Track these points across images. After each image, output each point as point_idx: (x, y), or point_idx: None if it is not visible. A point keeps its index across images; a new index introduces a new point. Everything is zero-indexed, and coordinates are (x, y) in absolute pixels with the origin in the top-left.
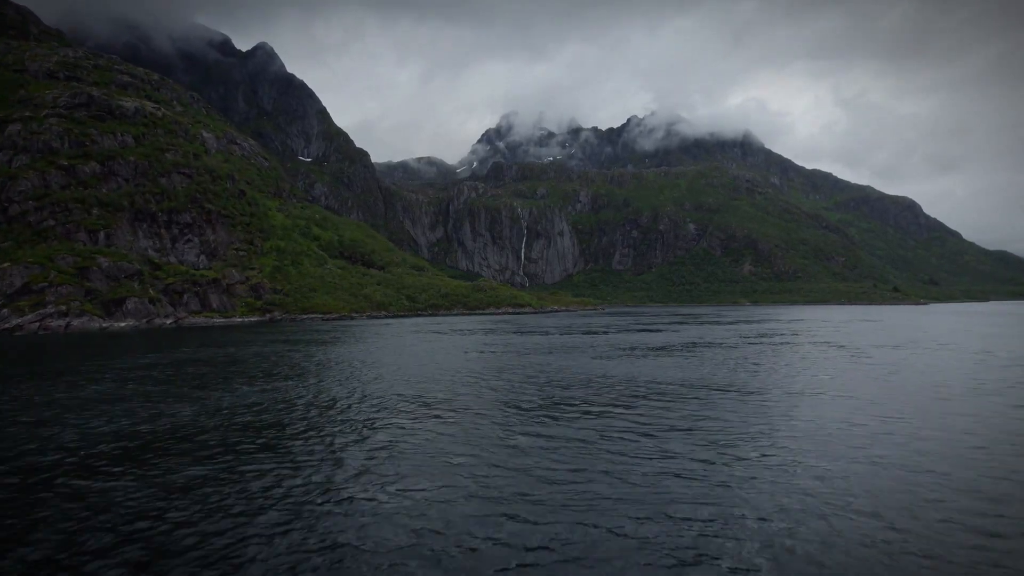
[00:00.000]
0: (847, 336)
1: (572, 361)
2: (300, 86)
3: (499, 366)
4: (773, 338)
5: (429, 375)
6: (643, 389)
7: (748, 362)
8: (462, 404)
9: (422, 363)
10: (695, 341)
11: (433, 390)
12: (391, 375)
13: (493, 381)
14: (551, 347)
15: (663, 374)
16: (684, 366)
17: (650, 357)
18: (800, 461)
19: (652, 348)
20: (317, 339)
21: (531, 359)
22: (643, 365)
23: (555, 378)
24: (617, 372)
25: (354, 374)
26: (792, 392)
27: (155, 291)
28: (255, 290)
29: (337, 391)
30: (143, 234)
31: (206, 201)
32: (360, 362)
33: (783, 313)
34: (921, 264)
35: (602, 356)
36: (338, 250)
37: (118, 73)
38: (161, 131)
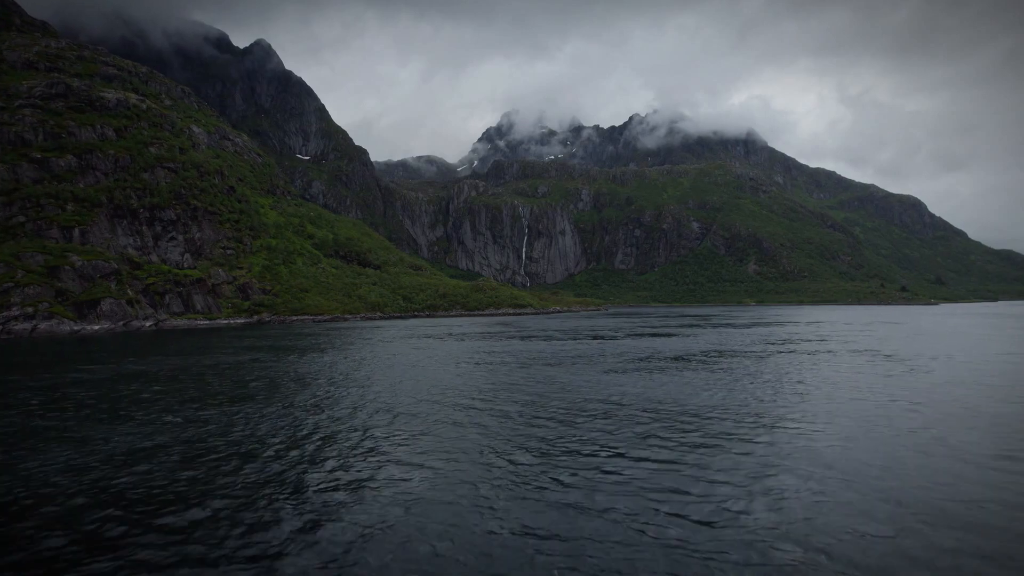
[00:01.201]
0: (882, 342)
1: (580, 377)
2: (298, 83)
3: (493, 385)
4: (802, 344)
5: (408, 401)
6: (675, 422)
7: (790, 379)
8: (438, 452)
9: (404, 381)
10: (716, 349)
11: (407, 427)
12: (360, 400)
13: (484, 411)
14: (555, 356)
15: (693, 397)
16: (714, 384)
17: (671, 371)
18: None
19: (670, 358)
20: (296, 346)
21: (532, 373)
22: (666, 383)
23: (562, 406)
24: (636, 393)
25: (312, 399)
26: (875, 428)
27: (134, 292)
28: (242, 290)
29: (272, 428)
30: (123, 231)
31: (192, 197)
32: (329, 380)
33: (795, 314)
34: (927, 264)
35: (615, 369)
36: (333, 249)
37: (103, 65)
38: (145, 124)
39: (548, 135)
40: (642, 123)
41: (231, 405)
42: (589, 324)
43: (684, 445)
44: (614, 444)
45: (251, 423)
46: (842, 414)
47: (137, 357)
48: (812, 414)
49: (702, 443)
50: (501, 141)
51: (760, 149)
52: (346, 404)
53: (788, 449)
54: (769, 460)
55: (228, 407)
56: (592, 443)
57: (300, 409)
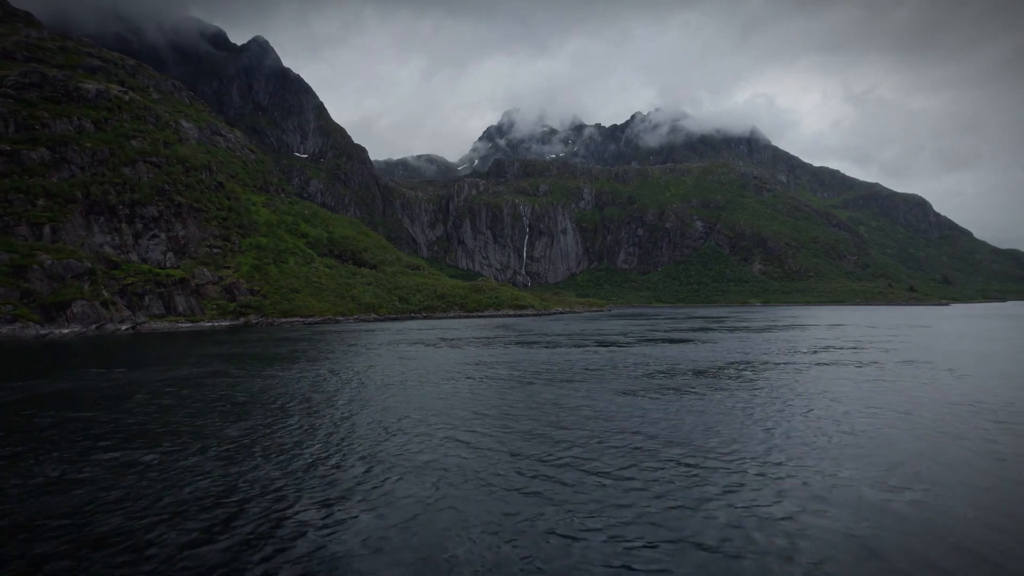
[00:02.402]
0: (926, 350)
1: (592, 401)
2: (296, 80)
3: (486, 414)
4: (837, 353)
5: (366, 443)
6: (730, 473)
7: (853, 404)
8: (400, 544)
9: (373, 408)
10: (743, 359)
11: (354, 492)
12: (305, 440)
13: (469, 463)
14: (560, 370)
15: (745, 435)
16: (763, 413)
17: (701, 391)
18: None
19: (695, 373)
20: (272, 354)
21: (534, 396)
22: (702, 411)
23: (570, 448)
24: (665, 426)
25: (243, 436)
26: None
27: (109, 293)
28: (229, 291)
29: (170, 486)
30: (99, 229)
31: (176, 193)
32: (282, 405)
33: (807, 315)
34: (933, 263)
35: (633, 390)
36: (327, 248)
37: (87, 56)
38: (127, 116)
39: (549, 134)
40: (644, 121)
41: (136, 449)
42: (594, 327)
43: (764, 523)
44: (651, 519)
45: (142, 482)
46: (971, 478)
47: (86, 368)
48: (925, 476)
49: (791, 518)
50: (502, 140)
51: (763, 147)
52: (282, 446)
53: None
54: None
55: (131, 450)
56: (620, 523)
57: (214, 458)
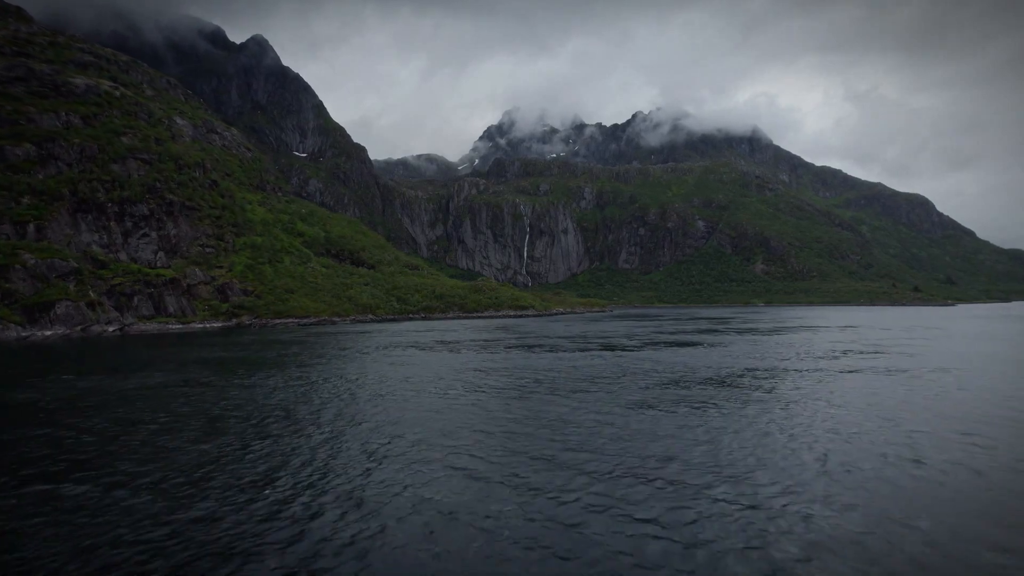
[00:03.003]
0: (954, 357)
1: (604, 414)
2: (295, 79)
3: (480, 432)
4: (858, 358)
5: (361, 462)
6: (772, 516)
7: (917, 422)
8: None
9: (352, 426)
10: (759, 365)
11: (343, 531)
12: (267, 468)
13: (466, 495)
14: (565, 377)
15: (792, 461)
16: (805, 435)
17: (723, 404)
18: None
19: (709, 382)
20: (257, 359)
21: (535, 409)
22: (733, 431)
23: (589, 482)
24: (699, 453)
25: (227, 457)
26: None
27: (96, 293)
28: (221, 291)
29: (117, 526)
30: (87, 227)
31: (167, 191)
32: (270, 412)
33: (814, 316)
34: (936, 263)
35: (647, 401)
36: (324, 247)
37: (78, 52)
38: (117, 112)
39: (550, 133)
40: (645, 120)
41: (66, 480)
42: (597, 329)
43: None
44: None
45: (52, 528)
46: None
47: (57, 375)
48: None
49: None
50: (502, 139)
51: (765, 147)
52: (247, 479)
53: None
54: None
55: (60, 481)
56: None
57: (159, 494)
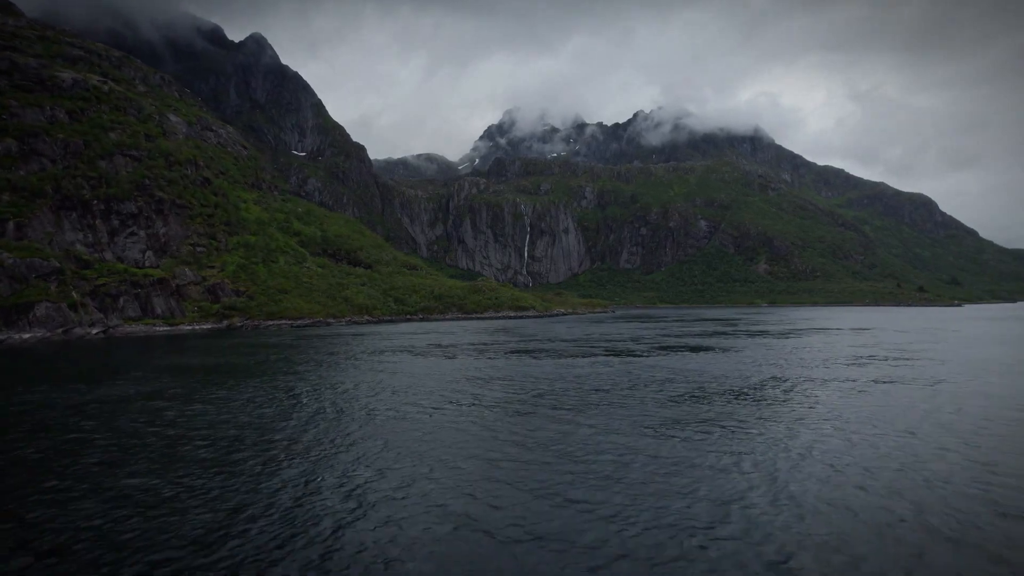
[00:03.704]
0: (985, 364)
1: (616, 440)
2: (294, 78)
3: (477, 467)
4: (885, 365)
5: (331, 510)
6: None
7: (966, 455)
8: None
9: (341, 450)
10: (783, 375)
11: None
12: (242, 517)
13: (458, 556)
14: (569, 389)
15: (860, 504)
16: (859, 473)
17: (753, 425)
18: None
19: (732, 393)
20: (242, 365)
21: (537, 431)
22: (768, 463)
23: (601, 543)
24: (738, 494)
25: (163, 505)
26: None
27: (79, 294)
28: (212, 292)
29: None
30: (71, 225)
31: (157, 188)
32: (231, 436)
33: (822, 317)
34: (939, 263)
35: (664, 421)
36: (321, 247)
37: (67, 46)
38: (106, 108)
39: (551, 132)
40: (647, 120)
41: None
42: (600, 331)
43: None
44: None
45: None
46: None
47: (14, 385)
48: None
49: None
50: (503, 139)
51: (767, 146)
52: (176, 540)
53: None
54: None
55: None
56: None
57: (56, 556)
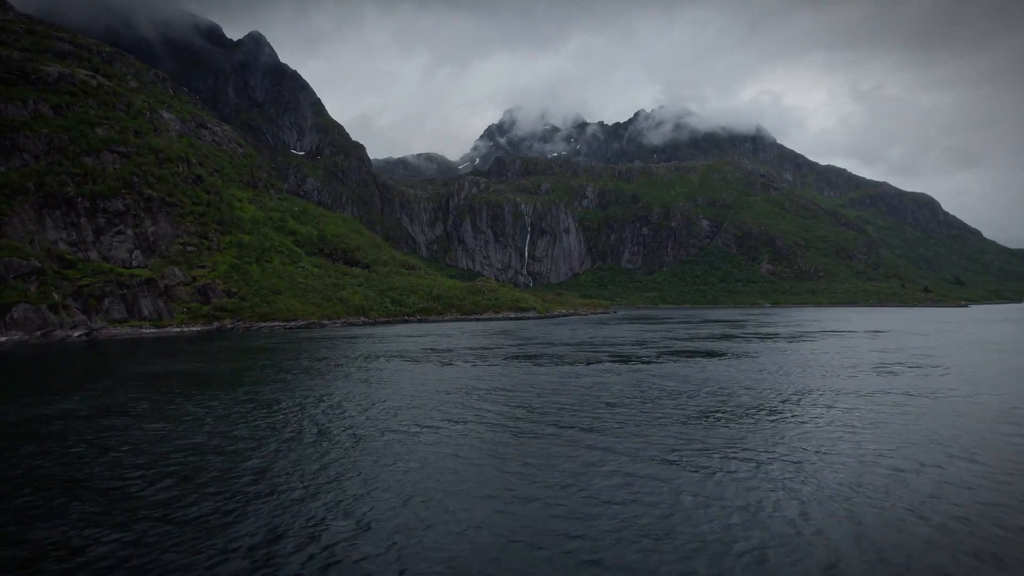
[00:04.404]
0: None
1: (630, 465)
2: (293, 76)
3: (469, 510)
4: (918, 374)
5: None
6: None
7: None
8: None
9: (309, 483)
10: (812, 386)
11: None
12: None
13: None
14: (574, 403)
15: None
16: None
17: (786, 452)
18: None
19: (759, 410)
20: (222, 372)
21: (540, 459)
22: (832, 511)
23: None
24: (785, 552)
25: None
26: None
27: (60, 295)
28: (202, 292)
29: None
30: (54, 224)
31: (146, 185)
32: (183, 462)
33: (831, 319)
34: (942, 263)
35: (688, 445)
36: (317, 246)
37: (57, 40)
38: (93, 102)
39: (551, 132)
40: (648, 119)
41: None
42: (603, 333)
43: None
44: None
45: None
46: None
47: None
48: None
49: None
50: (503, 138)
51: (769, 146)
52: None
53: None
54: None
55: None
56: None
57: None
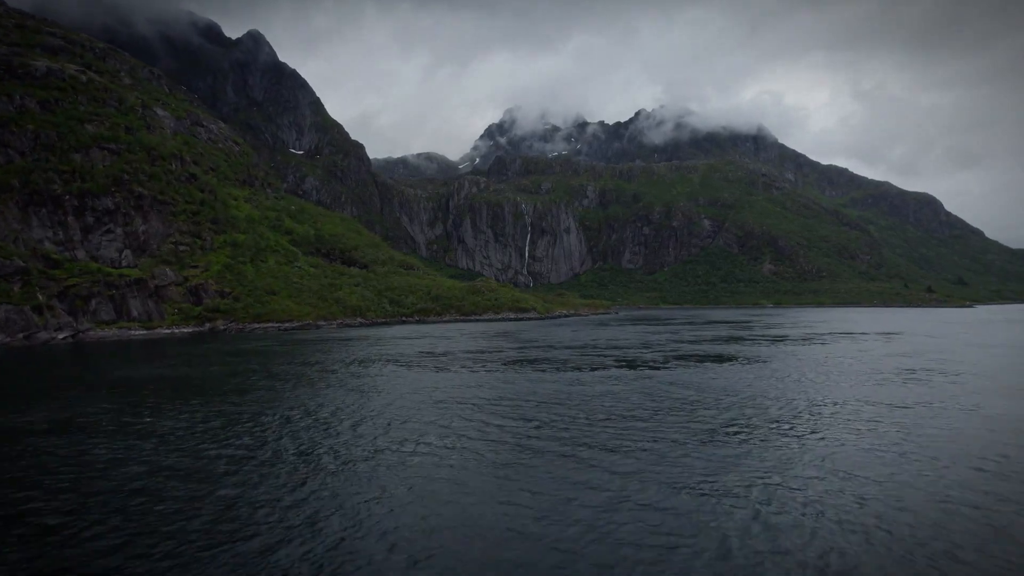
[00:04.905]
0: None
1: (651, 498)
2: (292, 75)
3: (454, 552)
4: (944, 379)
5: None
6: None
7: None
8: None
9: (272, 522)
10: (842, 398)
11: None
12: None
13: None
14: (580, 419)
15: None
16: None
17: (823, 478)
18: None
19: (780, 423)
20: (197, 379)
21: (544, 493)
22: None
23: None
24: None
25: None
26: None
27: (45, 296)
28: (194, 293)
29: None
30: (39, 222)
31: (137, 183)
32: (111, 503)
33: (838, 320)
34: (944, 263)
35: (706, 468)
36: (314, 246)
37: (47, 36)
38: (84, 98)
39: (551, 131)
40: (648, 118)
41: None
42: (606, 336)
43: None
44: None
45: None
46: None
47: None
48: None
49: None
50: (503, 138)
51: (770, 145)
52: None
53: None
54: None
55: None
56: None
57: None
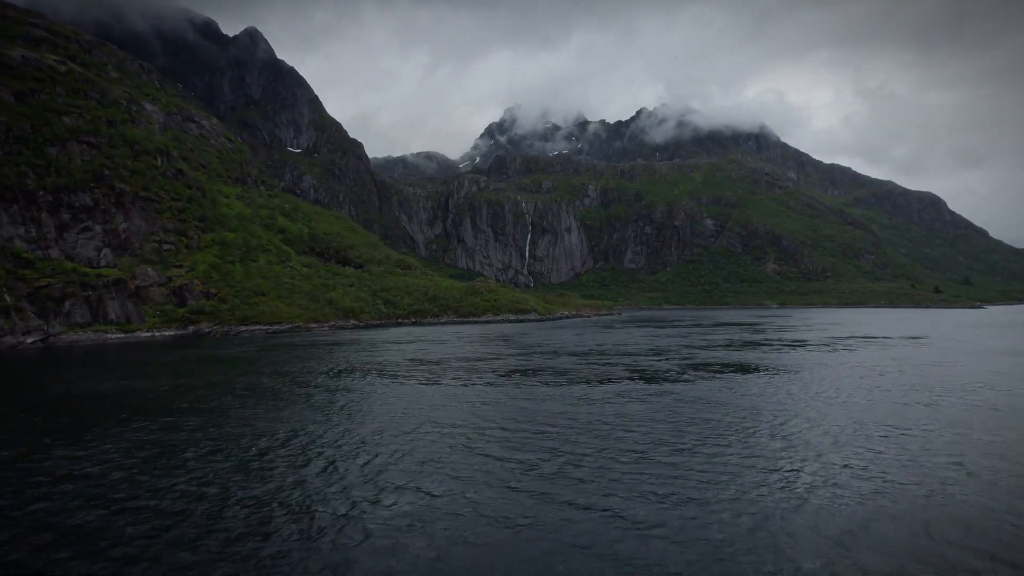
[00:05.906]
0: None
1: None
2: (290, 73)
3: None
4: (1005, 394)
5: None
6: None
7: None
8: None
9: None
10: (901, 420)
11: None
12: None
13: None
14: (588, 444)
15: None
16: None
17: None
18: None
19: (835, 455)
20: (159, 391)
21: (543, 548)
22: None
23: None
24: None
25: None
26: None
27: (13, 297)
28: (178, 294)
29: None
30: (10, 219)
31: (118, 179)
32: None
33: (850, 321)
34: (949, 263)
35: (784, 521)
36: (308, 245)
37: (31, 27)
38: (62, 90)
39: (552, 130)
40: (650, 117)
41: None
42: (612, 339)
43: None
44: None
45: None
46: None
47: None
48: None
49: None
50: (503, 137)
51: (773, 144)
52: None
53: None
54: None
55: None
56: None
57: None
